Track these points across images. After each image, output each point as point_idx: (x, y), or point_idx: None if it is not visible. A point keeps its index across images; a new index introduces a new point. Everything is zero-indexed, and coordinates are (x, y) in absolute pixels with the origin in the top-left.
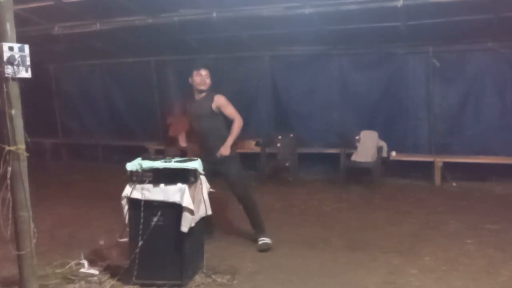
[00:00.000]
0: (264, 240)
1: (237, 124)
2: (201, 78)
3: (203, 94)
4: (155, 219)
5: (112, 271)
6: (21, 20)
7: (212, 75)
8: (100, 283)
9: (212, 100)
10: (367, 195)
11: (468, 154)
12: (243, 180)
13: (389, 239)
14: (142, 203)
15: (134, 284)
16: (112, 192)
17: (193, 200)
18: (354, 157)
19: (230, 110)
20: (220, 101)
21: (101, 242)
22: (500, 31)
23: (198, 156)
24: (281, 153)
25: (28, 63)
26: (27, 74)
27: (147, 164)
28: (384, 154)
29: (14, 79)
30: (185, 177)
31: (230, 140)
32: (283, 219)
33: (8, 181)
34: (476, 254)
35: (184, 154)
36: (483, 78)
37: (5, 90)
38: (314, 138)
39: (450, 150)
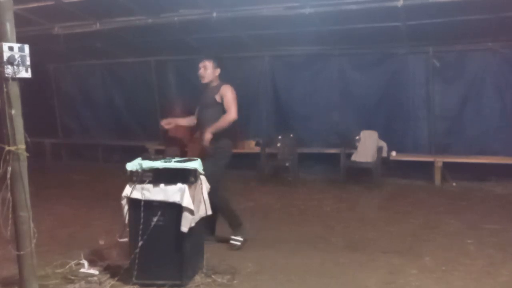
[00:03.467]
0: (234, 240)
1: (227, 116)
2: (200, 71)
3: (214, 85)
4: (155, 219)
5: (112, 271)
6: (21, 20)
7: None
8: (100, 283)
9: (218, 90)
10: (367, 195)
11: (468, 154)
12: (215, 179)
13: (389, 239)
14: (142, 203)
15: (134, 284)
16: (112, 192)
17: (193, 200)
18: (354, 157)
19: (227, 101)
20: (223, 91)
21: (101, 242)
22: (500, 31)
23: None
24: (281, 153)
25: (28, 63)
26: (27, 74)
27: (147, 164)
28: (384, 154)
29: (14, 79)
30: (185, 177)
31: (211, 128)
32: (283, 219)
33: (8, 181)
34: (476, 254)
35: (184, 154)
36: (483, 78)
37: (5, 90)
38: (314, 138)
39: (450, 150)
